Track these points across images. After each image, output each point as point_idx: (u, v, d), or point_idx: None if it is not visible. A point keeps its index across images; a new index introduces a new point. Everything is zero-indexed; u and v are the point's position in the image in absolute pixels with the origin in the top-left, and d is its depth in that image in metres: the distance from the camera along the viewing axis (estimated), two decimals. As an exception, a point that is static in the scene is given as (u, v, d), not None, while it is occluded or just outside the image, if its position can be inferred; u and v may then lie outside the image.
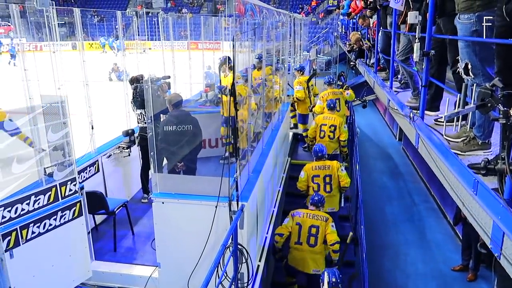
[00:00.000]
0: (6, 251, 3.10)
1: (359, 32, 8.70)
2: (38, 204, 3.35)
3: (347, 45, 9.88)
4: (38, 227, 3.32)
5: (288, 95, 8.40)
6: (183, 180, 3.82)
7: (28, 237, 3.25)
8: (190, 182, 3.78)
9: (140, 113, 5.21)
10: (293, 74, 8.90)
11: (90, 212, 4.12)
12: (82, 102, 4.79)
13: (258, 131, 5.08)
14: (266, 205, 4.92)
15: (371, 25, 7.14)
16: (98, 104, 6.28)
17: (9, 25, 33.40)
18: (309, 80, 7.97)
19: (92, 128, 4.87)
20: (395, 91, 5.02)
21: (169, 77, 6.41)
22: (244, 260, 3.42)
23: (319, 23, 32.66)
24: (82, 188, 3.75)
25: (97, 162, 4.81)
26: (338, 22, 18.59)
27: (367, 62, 7.63)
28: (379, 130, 14.29)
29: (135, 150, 5.43)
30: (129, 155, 5.37)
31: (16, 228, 3.16)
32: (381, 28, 5.69)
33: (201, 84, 8.83)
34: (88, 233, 3.82)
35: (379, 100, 15.29)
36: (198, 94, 8.08)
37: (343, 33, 15.30)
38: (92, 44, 31.66)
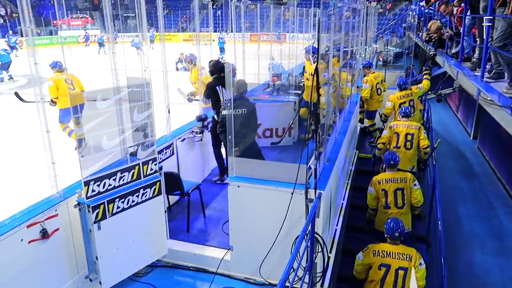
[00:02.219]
0: (94, 222, 3.28)
1: (439, 21, 8.15)
2: (123, 180, 3.50)
3: (424, 36, 9.31)
4: (123, 202, 3.48)
5: (358, 86, 8.12)
6: (260, 165, 3.80)
7: (114, 211, 3.41)
8: (266, 167, 3.75)
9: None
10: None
11: (166, 192, 4.24)
12: (156, 89, 4.93)
13: (332, 120, 4.94)
14: (338, 196, 4.79)
15: (454, 12, 6.64)
16: (171, 91, 6.48)
17: (86, 17, 35.74)
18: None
19: (169, 112, 5.02)
20: (487, 81, 4.62)
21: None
22: (320, 249, 3.34)
23: (386, 14, 31.32)
24: (161, 168, 3.86)
25: (172, 145, 4.96)
26: (410, 12, 17.65)
27: (448, 52, 7.13)
28: (451, 127, 13.42)
29: (208, 135, 5.55)
30: (201, 139, 5.49)
31: (104, 202, 3.33)
32: (470, 14, 5.26)
33: (267, 75, 8.82)
34: (165, 212, 3.94)
35: (451, 96, 14.37)
36: (265, 84, 8.10)
37: (416, 23, 14.49)
38: (157, 35, 32.92)
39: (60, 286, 3.34)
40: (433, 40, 8.01)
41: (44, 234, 3.14)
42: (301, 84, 7.57)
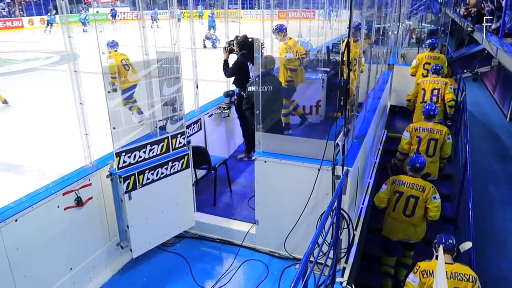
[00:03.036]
0: (125, 192, 3.39)
1: (479, -6, 7.72)
2: (153, 153, 3.59)
3: (462, 11, 8.87)
4: (152, 174, 3.57)
5: (389, 64, 7.89)
6: (287, 140, 3.80)
7: (144, 182, 3.51)
8: (294, 143, 3.74)
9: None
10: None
11: (194, 166, 4.32)
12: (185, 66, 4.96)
13: (362, 98, 4.86)
14: (365, 174, 4.74)
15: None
16: (200, 68, 6.50)
17: (116, -6, 35.96)
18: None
19: (197, 87, 5.06)
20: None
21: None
22: (345, 226, 3.34)
23: (421, -11, 29.89)
24: (189, 142, 3.92)
25: (200, 120, 5.01)
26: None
27: (487, 28, 6.78)
28: (486, 109, 12.87)
29: (235, 111, 5.57)
30: (228, 115, 5.52)
31: (135, 173, 3.43)
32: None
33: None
34: (192, 185, 4.02)
35: (488, 75, 13.73)
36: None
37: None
38: (184, 12, 32.84)
39: (94, 252, 3.50)
40: (472, 14, 7.62)
41: (79, 202, 3.28)
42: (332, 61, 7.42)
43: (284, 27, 6.27)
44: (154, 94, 3.70)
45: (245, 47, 5.27)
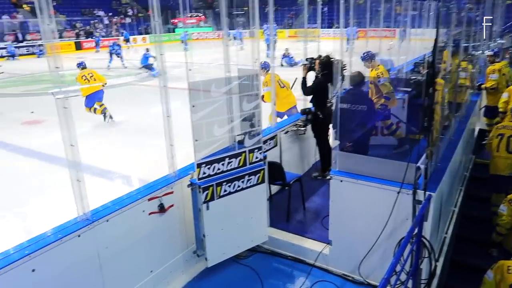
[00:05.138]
0: (204, 202, 3.54)
1: None
2: (231, 166, 3.71)
3: None
4: (229, 186, 3.69)
5: (479, 84, 7.35)
6: (365, 160, 3.70)
7: (221, 193, 3.64)
8: (372, 163, 3.63)
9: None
10: (486, 61, 7.73)
11: (269, 181, 4.38)
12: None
13: (447, 120, 4.58)
14: (449, 202, 4.43)
15: None
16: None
17: (200, 16, 38.27)
18: None
19: (274, 104, 5.16)
20: None
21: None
22: (426, 255, 3.13)
23: (518, 5, 27.57)
24: (265, 157, 4.00)
25: (276, 137, 5.09)
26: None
27: None
28: None
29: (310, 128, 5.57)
30: (304, 133, 5.54)
31: (213, 184, 3.57)
32: None
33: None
34: (267, 200, 4.07)
35: None
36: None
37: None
38: (261, 32, 33.74)
39: (172, 257, 3.68)
40: None
41: (161, 208, 3.49)
42: (411, 81, 7.12)
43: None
44: (234, 109, 3.85)
45: (327, 67, 5.26)
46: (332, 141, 3.87)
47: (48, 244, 2.69)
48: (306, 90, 5.36)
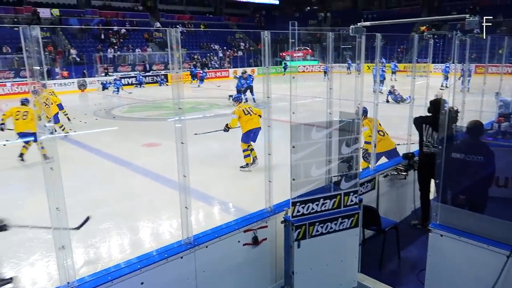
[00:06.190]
0: (295, 240, 3.65)
1: None
2: (325, 207, 3.77)
3: None
4: (322, 227, 3.74)
5: None
6: (470, 216, 3.45)
7: (313, 233, 3.71)
8: (478, 220, 3.37)
9: (429, 135, 5.05)
10: None
11: (363, 225, 4.30)
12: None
13: None
14: None
15: None
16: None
17: (307, 49, 39.29)
18: None
19: (375, 146, 5.10)
20: None
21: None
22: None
23: None
24: (360, 201, 3.97)
25: (374, 180, 5.00)
26: None
27: None
28: None
29: (412, 174, 5.33)
30: (405, 178, 5.33)
31: (306, 223, 3.66)
32: None
33: (491, 114, 7.82)
34: (359, 245, 4.01)
35: None
36: (488, 124, 7.18)
37: None
38: (370, 66, 33.22)
39: (261, 289, 3.83)
40: None
41: (255, 241, 3.69)
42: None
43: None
44: (333, 151, 3.93)
45: (432, 110, 5.07)
46: (433, 190, 3.69)
47: (156, 262, 3.06)
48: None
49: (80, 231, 4.87)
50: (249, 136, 8.29)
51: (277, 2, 46.87)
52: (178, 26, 36.51)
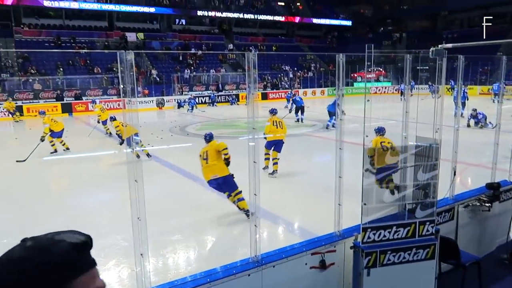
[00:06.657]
0: (365, 267, 3.51)
1: None
2: (397, 235, 3.60)
3: None
4: (394, 256, 3.57)
5: None
6: None
7: (384, 262, 3.55)
8: None
9: None
10: None
11: (440, 258, 4.02)
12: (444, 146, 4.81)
13: None
14: None
15: None
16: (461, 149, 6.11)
17: (380, 70, 38.31)
18: None
19: (454, 174, 4.78)
20: None
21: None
22: None
23: None
24: (437, 231, 3.73)
25: (453, 210, 4.66)
26: None
27: None
28: None
29: (498, 206, 4.89)
30: (489, 210, 4.89)
31: (377, 251, 3.52)
32: None
33: None
34: (435, 278, 3.74)
35: None
36: None
37: None
38: (448, 88, 31.33)
39: (326, 316, 3.72)
40: None
41: (323, 265, 3.61)
42: None
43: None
44: (408, 177, 3.76)
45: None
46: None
47: (225, 277, 3.12)
48: None
49: (152, 241, 5.14)
50: (271, 145, 9.23)
51: (350, 24, 46.47)
52: (251, 48, 37.75)
